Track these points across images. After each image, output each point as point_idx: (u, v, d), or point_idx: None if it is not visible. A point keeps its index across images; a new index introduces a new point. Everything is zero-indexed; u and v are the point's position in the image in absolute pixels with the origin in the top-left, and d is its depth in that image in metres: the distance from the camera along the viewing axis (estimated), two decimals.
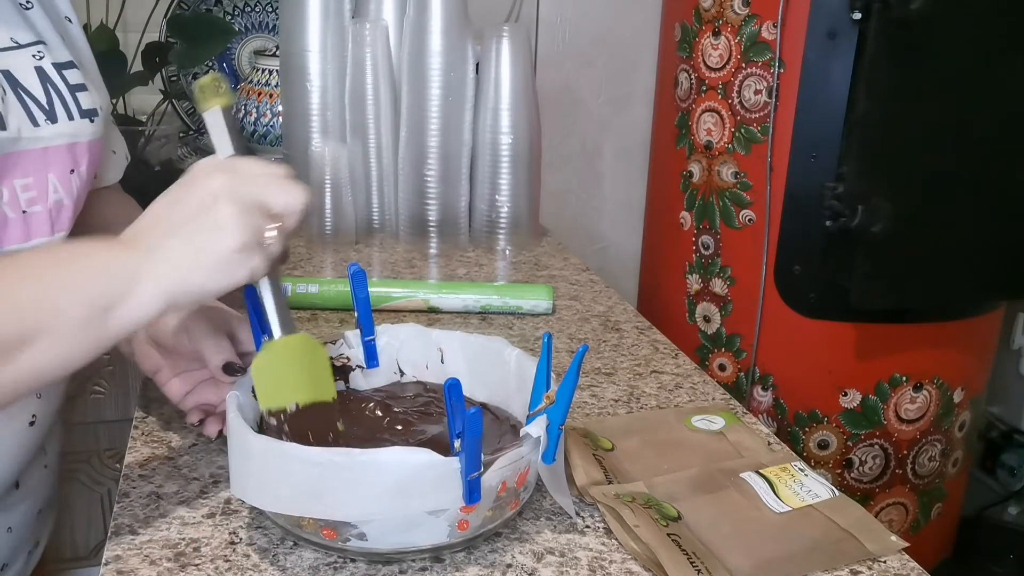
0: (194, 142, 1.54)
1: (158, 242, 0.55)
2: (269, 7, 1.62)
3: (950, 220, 1.27)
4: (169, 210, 0.56)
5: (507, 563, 0.62)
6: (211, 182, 0.56)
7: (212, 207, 0.55)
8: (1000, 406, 1.87)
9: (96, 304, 0.53)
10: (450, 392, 0.56)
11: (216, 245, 0.55)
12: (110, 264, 0.54)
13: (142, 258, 0.54)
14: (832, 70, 1.26)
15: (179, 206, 0.56)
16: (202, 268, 0.55)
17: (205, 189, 0.55)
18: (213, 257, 0.55)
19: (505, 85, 1.24)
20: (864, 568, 0.63)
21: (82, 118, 0.72)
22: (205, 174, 0.56)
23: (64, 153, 0.71)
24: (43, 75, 0.70)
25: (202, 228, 0.55)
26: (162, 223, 0.56)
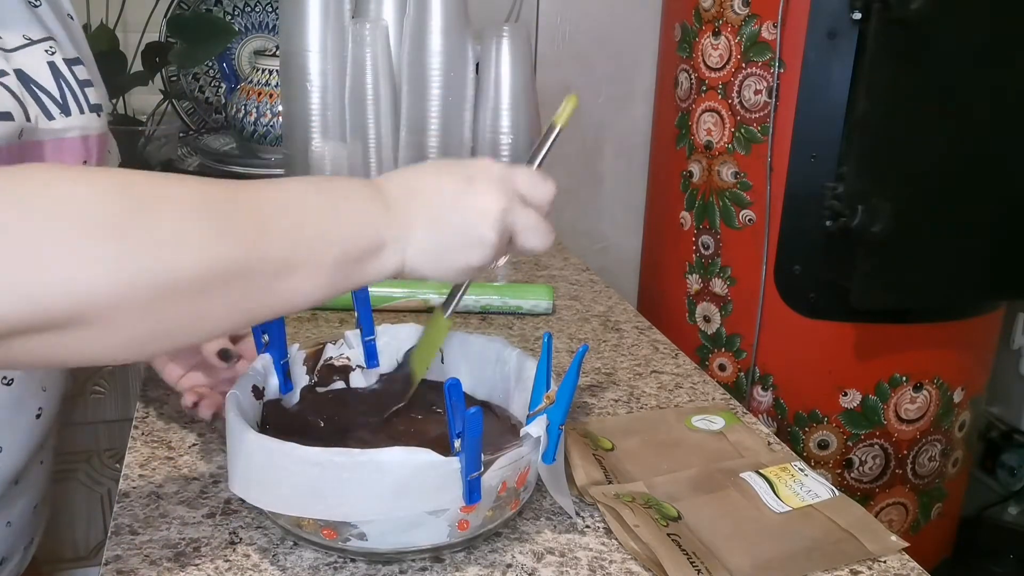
0: (194, 142, 1.54)
1: (417, 223, 0.56)
2: (269, 7, 1.62)
3: (950, 220, 1.27)
4: (442, 195, 0.58)
5: (507, 563, 0.62)
6: (491, 198, 0.58)
7: (479, 226, 0.57)
8: (1000, 406, 1.87)
9: (350, 252, 0.54)
10: (450, 392, 0.56)
11: (462, 260, 0.58)
12: (371, 223, 0.55)
13: (399, 229, 0.55)
14: (832, 70, 1.26)
15: (453, 201, 0.57)
16: (437, 269, 0.58)
17: (483, 202, 0.57)
18: (452, 266, 0.58)
19: (505, 85, 1.24)
20: (864, 568, 0.63)
21: (91, 112, 0.74)
22: (489, 183, 0.58)
23: (78, 145, 0.72)
24: (55, 70, 0.71)
25: (460, 238, 0.57)
26: (430, 206, 0.57)
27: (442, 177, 0.59)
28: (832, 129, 1.27)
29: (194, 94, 1.63)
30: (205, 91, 1.63)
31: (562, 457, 0.65)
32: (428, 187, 0.58)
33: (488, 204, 0.58)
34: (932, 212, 1.26)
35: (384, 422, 0.71)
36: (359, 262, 0.54)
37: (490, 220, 0.57)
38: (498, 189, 0.59)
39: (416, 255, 0.56)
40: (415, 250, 0.56)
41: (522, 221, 0.60)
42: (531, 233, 0.60)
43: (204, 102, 1.64)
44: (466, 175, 0.59)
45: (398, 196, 0.57)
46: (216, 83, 1.63)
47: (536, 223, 0.61)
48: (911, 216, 1.23)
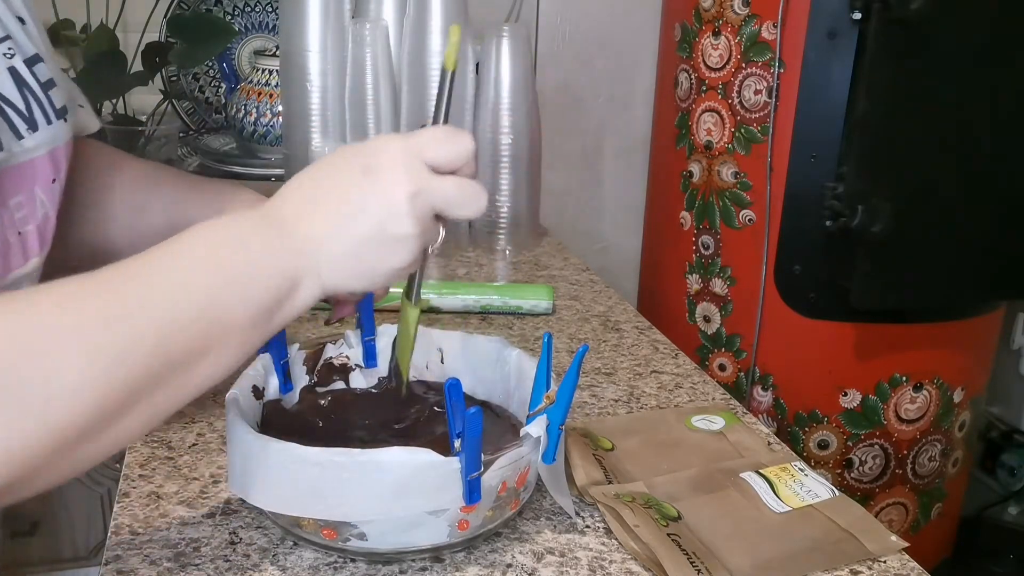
0: (194, 142, 1.54)
1: (325, 242, 0.52)
2: (269, 7, 1.62)
3: (950, 220, 1.27)
4: (342, 198, 0.53)
5: (507, 563, 0.62)
6: (395, 187, 0.52)
7: (390, 223, 0.53)
8: (1000, 406, 1.87)
9: (262, 309, 0.51)
10: (450, 392, 0.56)
11: (385, 264, 0.54)
12: (275, 266, 0.51)
13: (308, 258, 0.52)
14: (832, 70, 1.26)
15: (356, 202, 0.53)
16: (363, 280, 0.55)
17: (387, 194, 0.52)
18: (378, 272, 0.55)
19: (505, 85, 1.24)
20: (864, 568, 0.63)
21: (58, 119, 0.66)
22: (389, 169, 0.53)
23: (47, 163, 0.65)
24: (17, 77, 0.63)
25: (374, 242, 0.53)
26: (334, 216, 0.53)
27: (338, 176, 0.54)
28: (832, 129, 1.27)
29: (194, 94, 1.63)
30: (205, 91, 1.63)
31: (562, 457, 0.65)
32: (326, 194, 0.53)
33: (393, 195, 0.52)
34: (932, 212, 1.26)
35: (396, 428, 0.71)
36: (274, 311, 0.51)
37: (400, 213, 0.52)
38: (401, 171, 0.53)
39: (334, 275, 0.53)
40: (331, 270, 0.53)
41: (440, 194, 0.54)
42: (456, 202, 0.55)
43: (204, 102, 1.64)
44: (362, 166, 0.53)
45: (298, 217, 0.52)
46: (216, 83, 1.63)
47: (457, 190, 0.55)
48: (911, 216, 1.23)
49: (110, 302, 0.47)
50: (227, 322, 0.50)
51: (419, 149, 0.54)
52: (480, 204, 0.55)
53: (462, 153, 0.55)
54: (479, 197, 0.55)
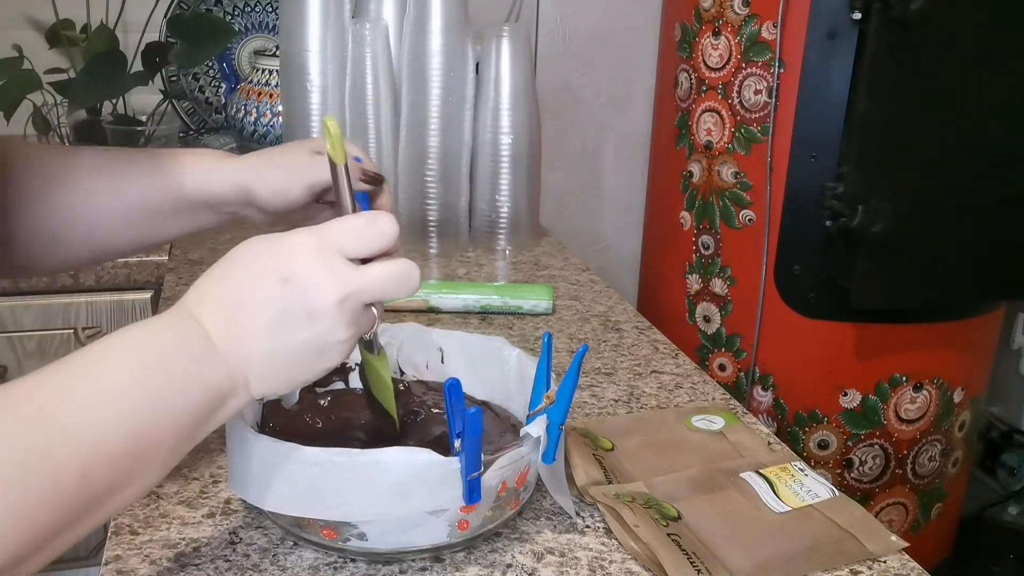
0: (194, 142, 1.54)
1: (254, 359, 0.50)
2: (269, 7, 1.62)
3: (950, 220, 1.27)
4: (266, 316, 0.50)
5: (507, 563, 0.62)
6: (322, 297, 0.50)
7: (321, 334, 0.51)
8: (1000, 406, 1.87)
9: (188, 430, 0.49)
10: (450, 392, 0.56)
11: (317, 367, 0.53)
12: (203, 387, 0.49)
13: (236, 375, 0.50)
14: (832, 70, 1.26)
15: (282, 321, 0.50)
16: (294, 384, 0.54)
17: (315, 306, 0.50)
18: (310, 375, 0.53)
19: (505, 85, 1.24)
20: (864, 568, 0.63)
21: None
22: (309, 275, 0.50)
23: None
24: None
25: (304, 352, 0.51)
26: (260, 334, 0.50)
27: (257, 285, 0.50)
28: (832, 129, 1.27)
29: (194, 94, 1.63)
30: (205, 91, 1.63)
31: (562, 457, 0.65)
32: (248, 305, 0.50)
33: (320, 305, 0.50)
34: (932, 212, 1.26)
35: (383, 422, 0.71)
36: (200, 428, 0.50)
37: (331, 322, 0.50)
38: (323, 277, 0.50)
39: (264, 386, 0.51)
40: (261, 382, 0.51)
41: (369, 289, 0.52)
42: (387, 291, 0.52)
43: (204, 102, 1.64)
44: (280, 275, 0.50)
45: (222, 332, 0.50)
46: (216, 83, 1.63)
47: (385, 278, 0.52)
48: (911, 216, 1.23)
49: (30, 443, 0.43)
50: (153, 448, 0.47)
51: (337, 246, 0.51)
52: (412, 283, 0.53)
53: (383, 240, 0.52)
54: (410, 277, 0.53)
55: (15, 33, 1.47)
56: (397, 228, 0.52)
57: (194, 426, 0.49)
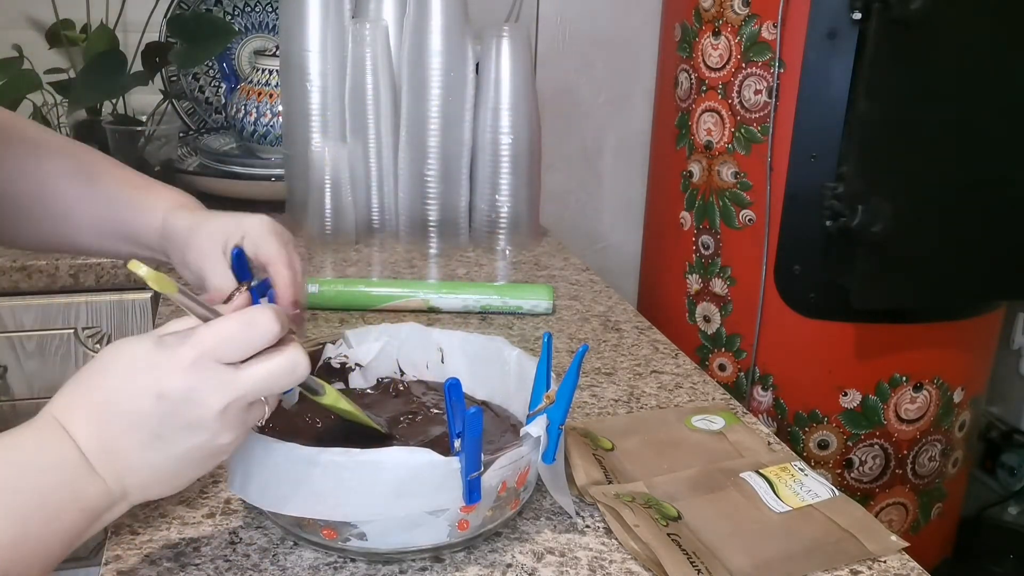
0: (194, 142, 1.54)
1: (134, 475, 0.50)
2: (269, 7, 1.62)
3: (950, 220, 1.27)
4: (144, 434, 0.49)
5: (507, 563, 0.62)
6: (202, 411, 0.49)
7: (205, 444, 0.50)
8: (1000, 406, 1.87)
9: (59, 550, 0.49)
10: (450, 392, 0.56)
11: (206, 468, 0.52)
12: (81, 508, 0.49)
13: (115, 493, 0.50)
14: (832, 70, 1.26)
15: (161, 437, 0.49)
16: (182, 486, 0.53)
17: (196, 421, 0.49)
18: (201, 473, 0.53)
19: (505, 85, 1.24)
20: (864, 568, 0.63)
21: None
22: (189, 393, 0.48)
23: None
24: None
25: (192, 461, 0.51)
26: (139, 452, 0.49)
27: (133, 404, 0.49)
28: (832, 129, 1.27)
29: (194, 94, 1.63)
30: (205, 91, 1.63)
31: (562, 457, 0.65)
32: (125, 424, 0.49)
33: (201, 419, 0.49)
34: (932, 212, 1.26)
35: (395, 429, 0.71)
36: (72, 544, 0.50)
37: (213, 432, 0.49)
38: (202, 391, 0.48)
39: (147, 492, 0.51)
40: (143, 490, 0.51)
41: (252, 391, 0.50)
42: (271, 387, 0.51)
43: (204, 102, 1.64)
44: (155, 392, 0.48)
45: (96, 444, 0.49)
46: (216, 83, 1.63)
47: (266, 378, 0.50)
48: (911, 216, 1.23)
49: None
50: (30, 565, 0.47)
51: (213, 355, 0.49)
52: (298, 375, 0.51)
53: (262, 340, 0.50)
54: (294, 372, 0.51)
55: (15, 33, 1.47)
56: (276, 323, 0.50)
57: (69, 542, 0.49)
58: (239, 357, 0.50)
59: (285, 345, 0.51)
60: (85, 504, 0.49)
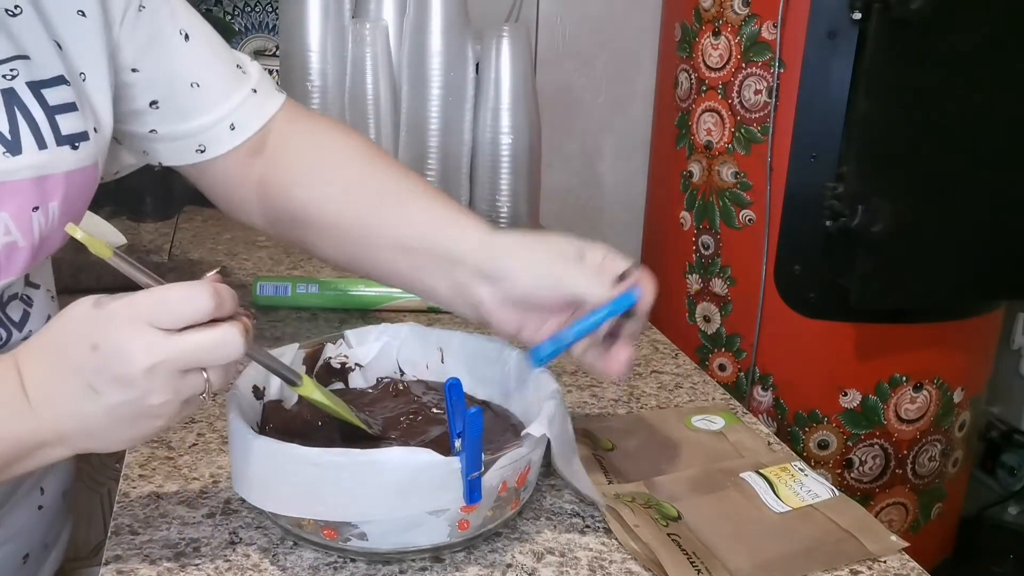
0: None
1: (70, 421, 0.52)
2: (269, 7, 1.62)
3: (950, 220, 1.27)
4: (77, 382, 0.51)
5: (507, 563, 0.62)
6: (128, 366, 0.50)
7: (133, 401, 0.51)
8: (1000, 406, 1.87)
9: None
10: (450, 392, 0.56)
11: (144, 429, 0.53)
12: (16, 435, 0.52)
13: (49, 427, 0.52)
14: (832, 70, 1.26)
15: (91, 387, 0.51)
16: (123, 443, 0.54)
17: (123, 374, 0.50)
18: (141, 436, 0.54)
19: (505, 85, 1.24)
20: (864, 568, 0.63)
21: (60, 145, 0.62)
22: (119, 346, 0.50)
23: (28, 188, 0.61)
24: (11, 98, 0.60)
25: (124, 418, 0.52)
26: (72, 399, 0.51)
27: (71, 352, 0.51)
28: (832, 129, 1.27)
29: None
30: None
31: (575, 453, 0.65)
32: (62, 370, 0.52)
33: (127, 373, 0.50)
34: (932, 212, 1.26)
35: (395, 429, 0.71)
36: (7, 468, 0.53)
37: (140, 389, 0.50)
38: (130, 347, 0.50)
39: (88, 441, 0.53)
40: (83, 438, 0.53)
41: (181, 357, 0.51)
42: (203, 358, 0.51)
43: None
44: (91, 342, 0.50)
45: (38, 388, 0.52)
46: None
47: (197, 348, 0.51)
48: (911, 216, 1.23)
49: None
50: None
51: (147, 317, 0.50)
52: (230, 351, 0.51)
53: (194, 312, 0.50)
54: (225, 346, 0.51)
55: None
56: (212, 300, 0.50)
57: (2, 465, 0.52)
58: (171, 325, 0.50)
59: (224, 322, 0.52)
60: (16, 433, 0.52)
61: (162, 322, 0.50)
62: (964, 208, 1.27)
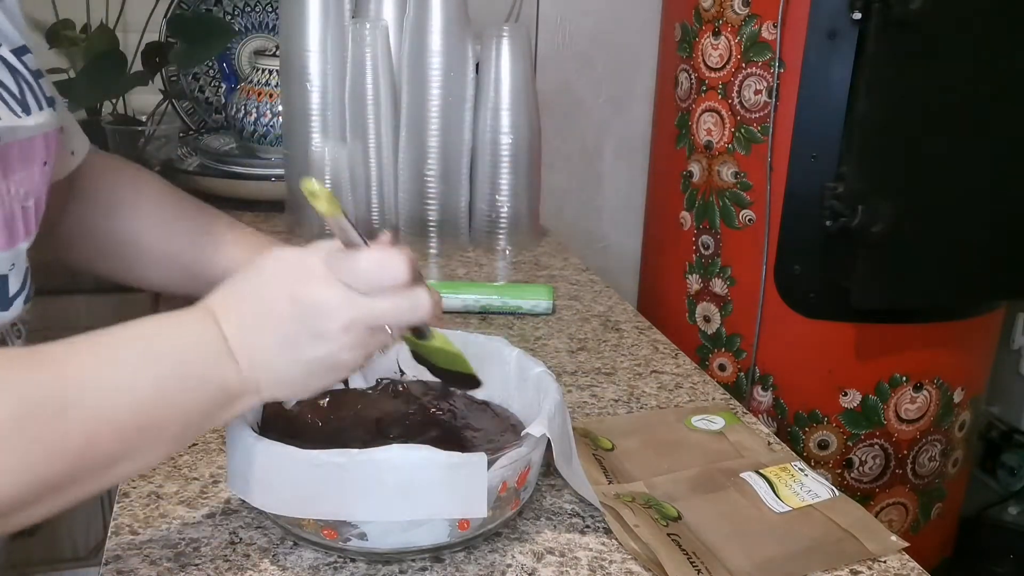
0: (194, 142, 1.54)
1: (266, 369, 0.54)
2: (269, 7, 1.62)
3: (950, 220, 1.27)
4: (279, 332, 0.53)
5: (507, 563, 0.62)
6: (328, 322, 0.53)
7: (329, 354, 0.53)
8: (1000, 406, 1.87)
9: (194, 422, 0.53)
10: None
11: (328, 380, 0.56)
12: (214, 385, 0.53)
13: (248, 381, 0.53)
14: (832, 70, 1.26)
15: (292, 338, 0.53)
16: (308, 393, 0.57)
17: (322, 329, 0.53)
18: (324, 387, 0.56)
19: (505, 85, 1.24)
20: (864, 568, 0.63)
21: (48, 107, 0.66)
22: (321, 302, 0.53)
23: (41, 144, 0.65)
24: (7, 64, 0.64)
25: (317, 370, 0.54)
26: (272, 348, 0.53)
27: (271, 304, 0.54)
28: (832, 129, 1.27)
29: (194, 94, 1.63)
30: (205, 91, 1.63)
31: (576, 455, 0.65)
32: (263, 320, 0.54)
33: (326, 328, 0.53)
34: (932, 212, 1.26)
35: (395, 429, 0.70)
36: (208, 419, 0.53)
37: (336, 344, 0.53)
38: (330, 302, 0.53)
39: (277, 390, 0.55)
40: (273, 390, 0.55)
41: (374, 317, 0.54)
42: (394, 320, 0.55)
43: (204, 102, 1.64)
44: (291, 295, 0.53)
45: (238, 340, 0.53)
46: (216, 83, 1.63)
47: (392, 309, 0.54)
48: (911, 216, 1.23)
49: (44, 400, 0.47)
50: (159, 430, 0.51)
51: (343, 279, 0.53)
52: (421, 313, 0.55)
53: (391, 279, 0.54)
54: (416, 309, 0.55)
55: None
56: (407, 270, 0.54)
57: (202, 418, 0.53)
58: (367, 290, 0.53)
59: (414, 284, 0.55)
60: (221, 382, 0.53)
61: (358, 287, 0.53)
62: (964, 208, 1.27)
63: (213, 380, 0.52)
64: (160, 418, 0.51)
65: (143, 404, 0.50)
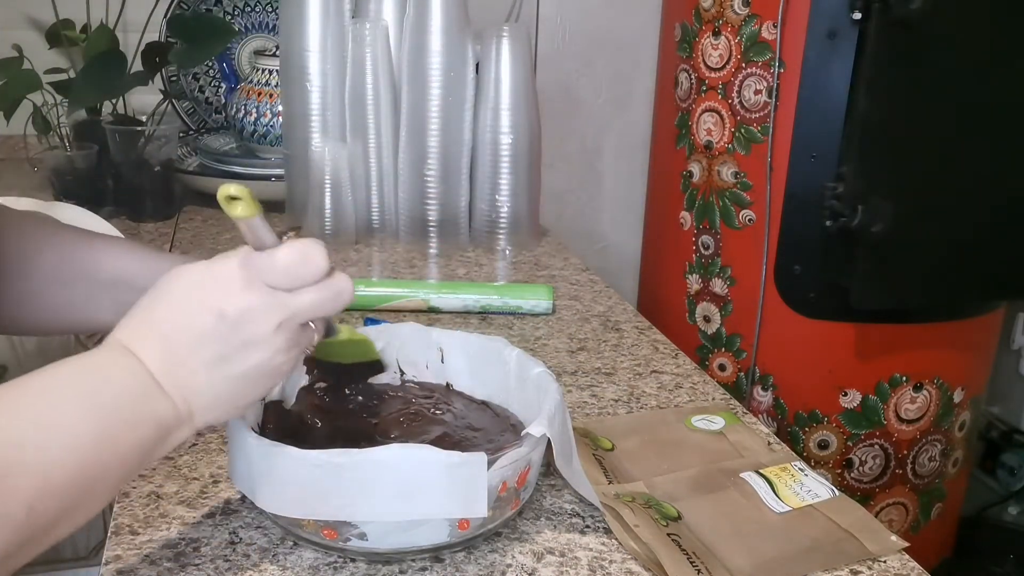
0: (194, 142, 1.54)
1: (198, 394, 0.52)
2: (269, 7, 1.62)
3: (950, 220, 1.27)
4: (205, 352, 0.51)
5: (507, 563, 0.62)
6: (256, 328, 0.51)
7: (262, 362, 0.52)
8: (1000, 406, 1.87)
9: (134, 464, 0.50)
10: None
11: (262, 389, 0.55)
12: (153, 423, 0.50)
13: (181, 411, 0.51)
14: (832, 70, 1.26)
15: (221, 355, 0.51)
16: (240, 410, 0.55)
17: (251, 338, 0.51)
18: (257, 398, 0.56)
19: (505, 85, 1.24)
20: (864, 568, 0.63)
21: None
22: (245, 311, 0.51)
23: None
24: None
25: (250, 381, 0.53)
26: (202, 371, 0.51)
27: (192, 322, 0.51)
28: (832, 129, 1.27)
29: (194, 94, 1.63)
30: (205, 91, 1.63)
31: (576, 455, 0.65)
32: (186, 342, 0.51)
33: (255, 335, 0.51)
34: (932, 212, 1.26)
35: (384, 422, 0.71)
36: (145, 459, 0.51)
37: (269, 349, 0.52)
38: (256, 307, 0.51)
39: (209, 415, 0.53)
40: (206, 412, 0.53)
41: (301, 313, 0.53)
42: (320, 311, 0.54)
43: (204, 102, 1.64)
44: (215, 310, 0.51)
45: (162, 365, 0.51)
46: (216, 83, 1.63)
47: (315, 302, 0.53)
48: (911, 216, 1.23)
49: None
50: (100, 482, 0.48)
51: (266, 280, 0.52)
52: (344, 299, 0.54)
53: (311, 275, 0.53)
54: (340, 295, 0.54)
55: (15, 33, 1.46)
56: (327, 260, 0.53)
57: (140, 461, 0.51)
58: (288, 286, 0.52)
59: (333, 273, 0.54)
60: (155, 420, 0.50)
61: (281, 286, 0.52)
62: (964, 208, 1.27)
63: (147, 419, 0.50)
64: (100, 471, 0.48)
65: (82, 461, 0.47)
